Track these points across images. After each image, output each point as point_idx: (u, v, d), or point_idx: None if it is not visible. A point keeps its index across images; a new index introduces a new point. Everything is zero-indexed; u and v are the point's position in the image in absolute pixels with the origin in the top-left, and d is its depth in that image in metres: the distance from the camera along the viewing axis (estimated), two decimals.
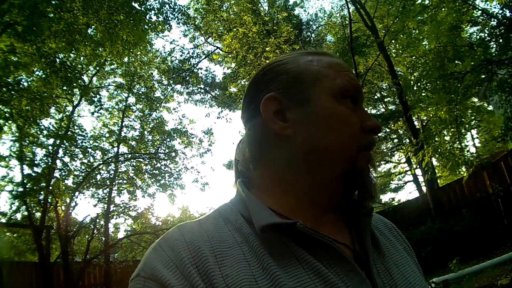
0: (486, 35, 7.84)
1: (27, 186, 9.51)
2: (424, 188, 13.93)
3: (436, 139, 8.97)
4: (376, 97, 17.38)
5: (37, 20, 7.59)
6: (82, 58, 10.47)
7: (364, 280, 0.56)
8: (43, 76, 8.90)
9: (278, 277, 0.52)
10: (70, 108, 11.61)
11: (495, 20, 7.70)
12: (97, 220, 11.73)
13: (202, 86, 16.80)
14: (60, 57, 9.09)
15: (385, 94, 17.34)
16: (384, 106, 18.48)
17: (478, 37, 8.41)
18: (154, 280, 0.52)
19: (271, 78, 0.68)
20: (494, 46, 7.66)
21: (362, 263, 0.59)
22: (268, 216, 0.58)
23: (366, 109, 0.70)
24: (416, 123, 13.51)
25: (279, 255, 0.56)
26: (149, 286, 0.52)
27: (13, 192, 9.91)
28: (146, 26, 10.52)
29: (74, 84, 9.34)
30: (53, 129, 10.79)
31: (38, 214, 10.27)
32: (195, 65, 15.05)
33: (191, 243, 0.56)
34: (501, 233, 7.88)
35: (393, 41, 12.10)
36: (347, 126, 0.62)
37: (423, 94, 9.21)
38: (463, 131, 9.26)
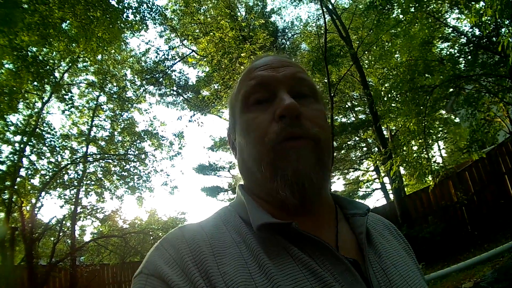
0: (455, 51, 8.21)
1: None
2: (391, 196, 14.36)
3: (404, 149, 9.26)
4: (347, 106, 17.78)
5: (10, 10, 7.29)
6: (54, 53, 10.12)
7: (358, 281, 0.57)
8: (14, 69, 8.52)
9: (273, 274, 0.54)
10: (39, 105, 11.19)
11: (465, 37, 8.11)
12: (64, 222, 11.33)
13: (174, 88, 16.62)
14: (32, 50, 8.75)
15: (356, 103, 17.76)
16: (354, 115, 18.95)
17: (448, 53, 8.77)
18: (156, 277, 0.54)
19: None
20: (463, 62, 8.04)
21: (357, 264, 0.60)
22: (264, 216, 0.60)
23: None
24: (385, 132, 13.94)
25: (275, 253, 0.57)
26: (151, 283, 0.54)
27: None
28: (122, 25, 10.32)
29: (45, 80, 9.02)
30: (21, 125, 10.37)
31: (1, 214, 9.80)
32: (169, 67, 14.88)
33: (191, 242, 0.58)
34: (465, 239, 8.27)
35: (366, 52, 12.47)
36: (253, 132, 0.64)
37: (393, 105, 9.48)
38: (430, 141, 9.62)
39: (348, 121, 18.76)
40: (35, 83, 8.98)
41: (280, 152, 0.60)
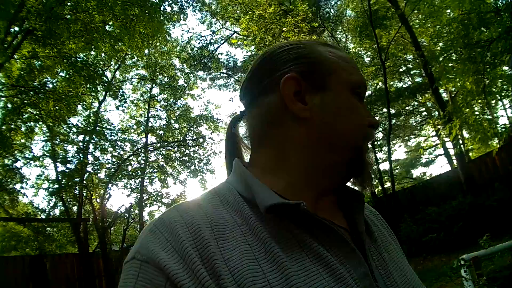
0: None
1: (62, 183, 9.96)
2: (455, 162, 13.49)
3: (465, 111, 8.60)
4: (401, 70, 16.68)
5: (54, 24, 7.81)
6: (102, 54, 10.71)
7: (361, 262, 0.56)
8: (67, 76, 9.19)
9: (282, 260, 0.51)
10: (96, 104, 12.04)
11: None
12: (132, 210, 12.22)
13: (224, 70, 16.80)
14: (81, 56, 9.35)
15: (411, 66, 16.56)
16: (410, 78, 17.77)
17: (504, 1, 7.86)
18: (151, 264, 0.48)
19: (289, 58, 0.66)
20: None
21: (359, 246, 0.60)
22: (272, 196, 0.56)
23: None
24: (444, 94, 12.98)
25: (282, 237, 0.54)
26: (146, 270, 0.48)
27: (50, 189, 10.48)
28: (161, 17, 10.59)
29: (97, 81, 9.62)
30: (82, 126, 11.21)
31: (74, 208, 10.84)
32: (214, 51, 15.04)
33: (191, 224, 0.52)
34: None
35: (414, 11, 11.53)
36: (358, 117, 0.65)
37: (449, 64, 8.82)
38: (493, 101, 8.81)
39: (404, 86, 17.66)
40: (88, 85, 9.58)
41: (366, 147, 0.68)
